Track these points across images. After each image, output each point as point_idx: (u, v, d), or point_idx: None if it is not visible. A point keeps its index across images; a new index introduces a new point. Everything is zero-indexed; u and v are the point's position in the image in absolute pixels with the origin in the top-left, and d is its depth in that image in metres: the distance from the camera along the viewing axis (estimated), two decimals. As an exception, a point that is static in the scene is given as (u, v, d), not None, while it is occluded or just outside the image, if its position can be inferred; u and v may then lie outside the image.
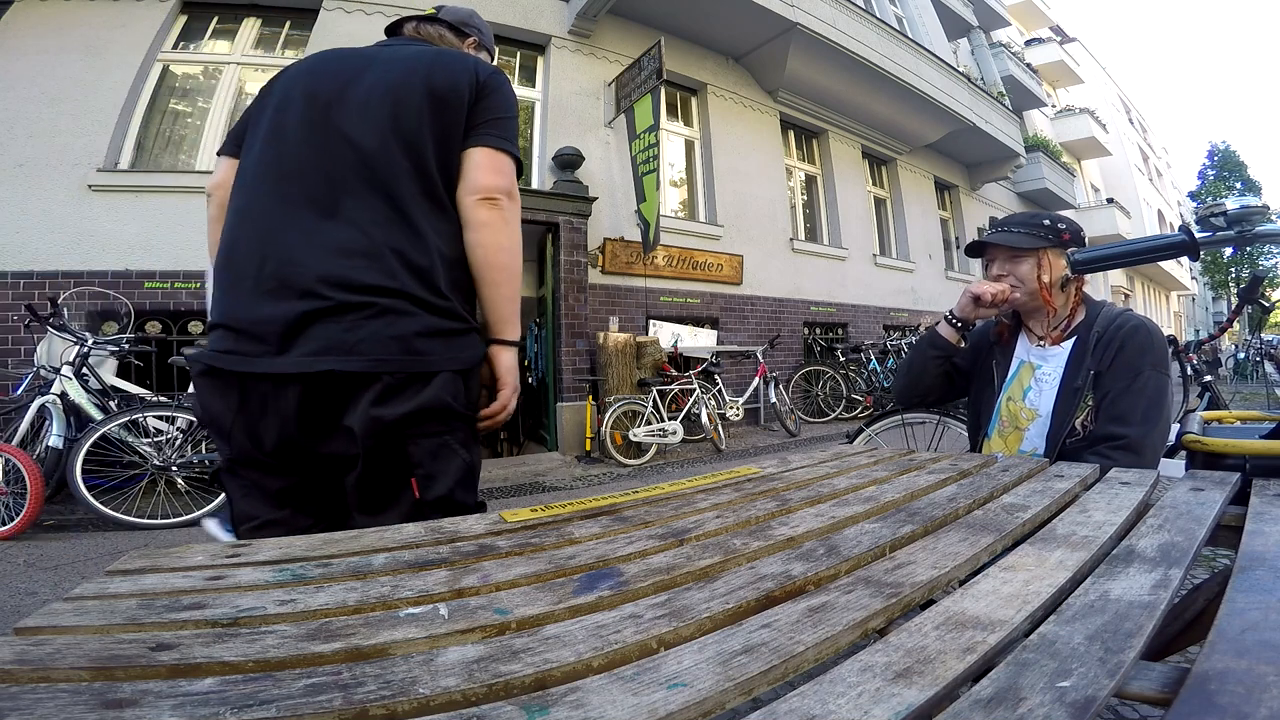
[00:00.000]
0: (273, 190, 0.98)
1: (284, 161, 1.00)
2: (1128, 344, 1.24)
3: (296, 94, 1.04)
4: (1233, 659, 0.38)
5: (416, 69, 1.04)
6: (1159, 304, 27.72)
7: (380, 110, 1.00)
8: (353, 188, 0.97)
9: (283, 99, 1.05)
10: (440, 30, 1.24)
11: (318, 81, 1.05)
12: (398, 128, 0.99)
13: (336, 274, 0.91)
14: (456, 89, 1.03)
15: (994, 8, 13.06)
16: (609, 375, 5.16)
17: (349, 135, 0.99)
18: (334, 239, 0.94)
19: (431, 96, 1.01)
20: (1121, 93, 25.26)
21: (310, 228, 0.94)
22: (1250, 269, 20.18)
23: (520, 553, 0.63)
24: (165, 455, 3.24)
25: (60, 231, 4.13)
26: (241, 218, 0.99)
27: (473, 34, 1.28)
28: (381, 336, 0.91)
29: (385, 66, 1.05)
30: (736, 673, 0.38)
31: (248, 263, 0.94)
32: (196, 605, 0.48)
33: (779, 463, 1.09)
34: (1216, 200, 1.03)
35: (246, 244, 0.96)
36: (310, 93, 1.03)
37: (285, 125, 1.02)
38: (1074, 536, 0.63)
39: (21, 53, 4.34)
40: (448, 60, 1.08)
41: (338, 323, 0.90)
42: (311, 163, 0.98)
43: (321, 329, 0.90)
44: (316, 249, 0.93)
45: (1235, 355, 11.60)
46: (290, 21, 5.17)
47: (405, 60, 1.06)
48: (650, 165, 5.43)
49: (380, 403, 0.90)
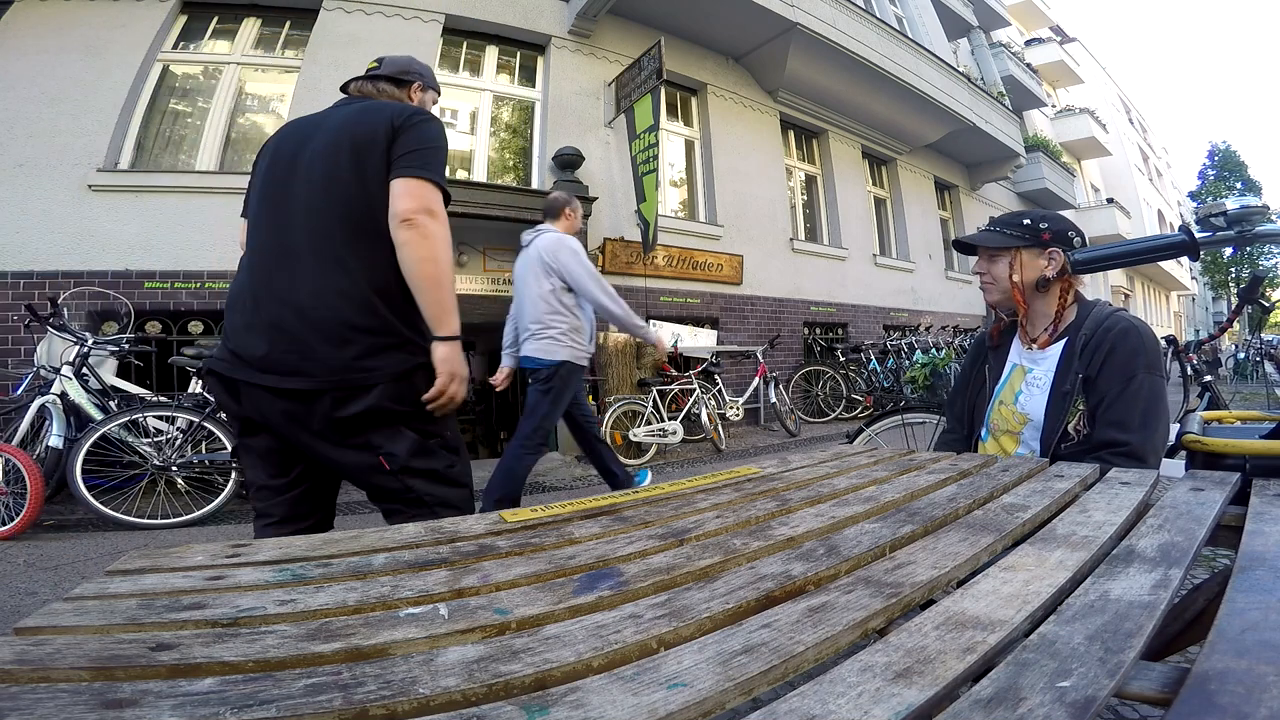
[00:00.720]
0: (258, 246, 1.26)
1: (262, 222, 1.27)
2: (1118, 347, 1.20)
3: (266, 163, 1.31)
4: (1233, 659, 0.38)
5: (344, 127, 1.25)
6: (1159, 304, 27.72)
7: (317, 171, 1.23)
8: (305, 241, 1.21)
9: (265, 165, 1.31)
10: (379, 85, 1.43)
11: (280, 149, 1.30)
12: (330, 184, 1.21)
13: (292, 317, 1.18)
14: (374, 136, 1.22)
15: (994, 8, 13.05)
16: (609, 375, 5.16)
17: (298, 196, 1.23)
18: (294, 286, 1.19)
19: (353, 148, 1.22)
20: (1121, 93, 25.26)
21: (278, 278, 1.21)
22: (1250, 269, 20.18)
23: (520, 553, 0.63)
24: (165, 455, 3.24)
25: (60, 231, 4.13)
26: (241, 268, 1.28)
27: (413, 79, 1.46)
28: (330, 362, 1.16)
29: (325, 131, 1.27)
30: (736, 673, 0.38)
31: (240, 304, 1.23)
32: (196, 605, 0.48)
33: (779, 463, 1.09)
34: (1216, 200, 1.03)
35: (240, 290, 1.25)
36: (275, 161, 1.29)
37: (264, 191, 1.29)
38: (1074, 536, 0.63)
39: (21, 53, 4.34)
40: (369, 113, 1.28)
41: (298, 352, 1.16)
42: (277, 222, 1.24)
43: (287, 358, 1.16)
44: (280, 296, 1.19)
45: (1235, 355, 11.59)
46: (290, 21, 5.17)
47: (338, 121, 1.27)
48: (650, 165, 5.43)
49: (334, 408, 1.16)
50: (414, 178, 1.20)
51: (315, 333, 1.17)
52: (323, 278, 1.19)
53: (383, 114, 1.26)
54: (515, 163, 6.04)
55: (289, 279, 1.20)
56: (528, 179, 5.86)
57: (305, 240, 1.21)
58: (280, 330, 1.17)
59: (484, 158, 5.72)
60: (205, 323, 4.39)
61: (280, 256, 1.22)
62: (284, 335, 1.17)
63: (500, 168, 5.95)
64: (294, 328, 1.17)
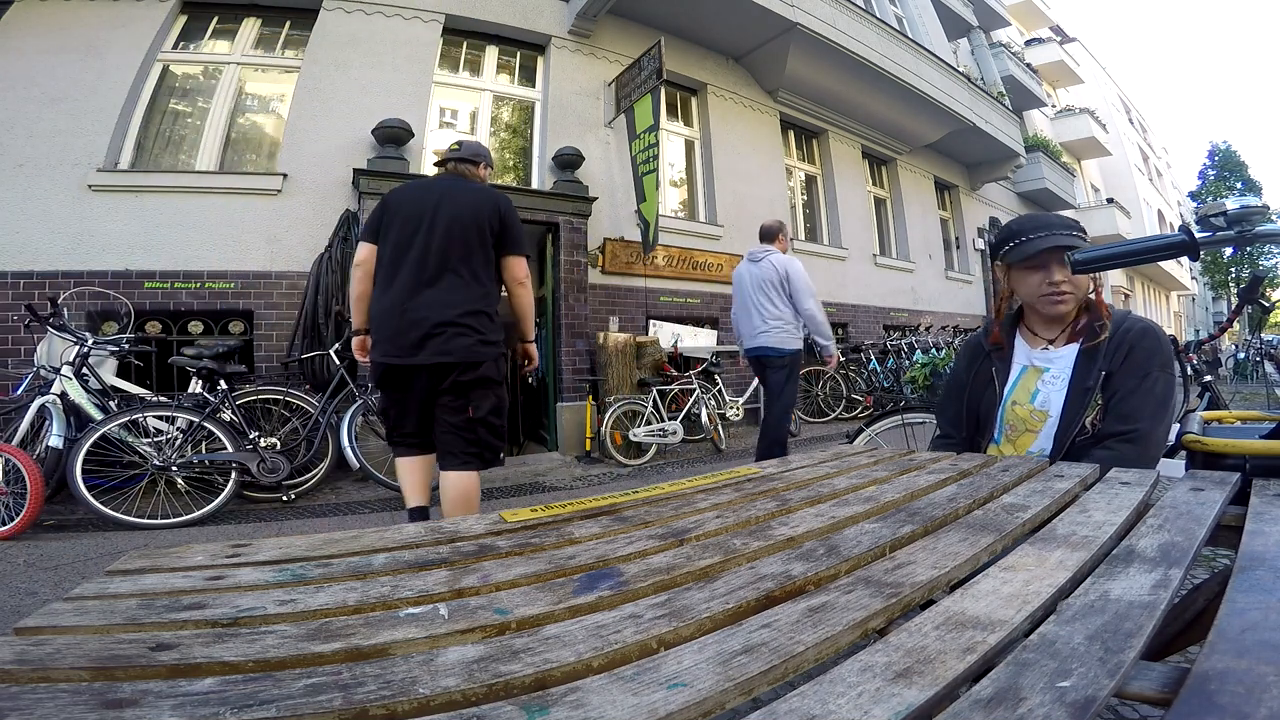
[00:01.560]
0: (401, 277, 2.06)
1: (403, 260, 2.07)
2: (1136, 347, 1.28)
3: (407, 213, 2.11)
4: (1233, 659, 0.38)
5: (467, 204, 2.12)
6: (1159, 304, 27.71)
7: (455, 233, 2.08)
8: (440, 272, 2.05)
9: (402, 216, 2.11)
10: (465, 167, 2.31)
11: (412, 210, 2.11)
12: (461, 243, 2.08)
13: (436, 316, 2.01)
14: (489, 217, 2.14)
15: (994, 8, 13.04)
16: (609, 375, 5.16)
17: (439, 243, 2.06)
18: (435, 299, 2.03)
19: (476, 222, 2.11)
20: (1121, 93, 25.25)
21: (426, 295, 2.03)
22: (1250, 269, 20.17)
23: (520, 553, 0.63)
24: (165, 455, 3.24)
25: (60, 231, 4.12)
26: (386, 287, 2.08)
27: (480, 161, 2.35)
28: (460, 346, 2.02)
29: (451, 201, 2.12)
30: (736, 673, 0.38)
31: (391, 314, 2.04)
32: (196, 605, 0.48)
33: (779, 463, 1.09)
34: (1216, 200, 1.03)
35: (392, 301, 2.05)
36: (409, 217, 2.10)
37: (405, 233, 2.09)
38: (1074, 536, 0.63)
39: (21, 53, 4.33)
40: (483, 199, 2.16)
41: (440, 340, 2.00)
42: (422, 260, 2.05)
43: (431, 343, 2.00)
44: (426, 307, 2.02)
45: (1235, 355, 11.59)
46: (290, 21, 5.16)
47: (461, 198, 2.13)
48: (650, 165, 5.42)
49: (460, 375, 2.03)
50: (519, 255, 2.20)
51: (451, 329, 2.01)
52: (456, 294, 2.04)
53: (489, 201, 2.16)
54: (515, 163, 6.04)
55: (432, 297, 2.02)
56: (528, 179, 5.86)
57: (443, 275, 2.05)
58: (428, 329, 1.99)
59: (484, 158, 5.72)
60: (205, 323, 4.39)
61: (424, 284, 2.04)
62: (431, 332, 1.99)
63: (500, 168, 5.95)
64: (437, 327, 2.00)
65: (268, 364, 4.36)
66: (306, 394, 3.94)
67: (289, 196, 4.60)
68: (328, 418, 3.79)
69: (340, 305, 4.32)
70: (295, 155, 4.68)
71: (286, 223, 4.57)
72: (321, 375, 4.09)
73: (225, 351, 3.63)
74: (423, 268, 2.02)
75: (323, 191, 4.68)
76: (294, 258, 4.51)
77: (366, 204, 4.55)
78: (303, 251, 4.52)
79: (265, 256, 4.48)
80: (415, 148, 5.00)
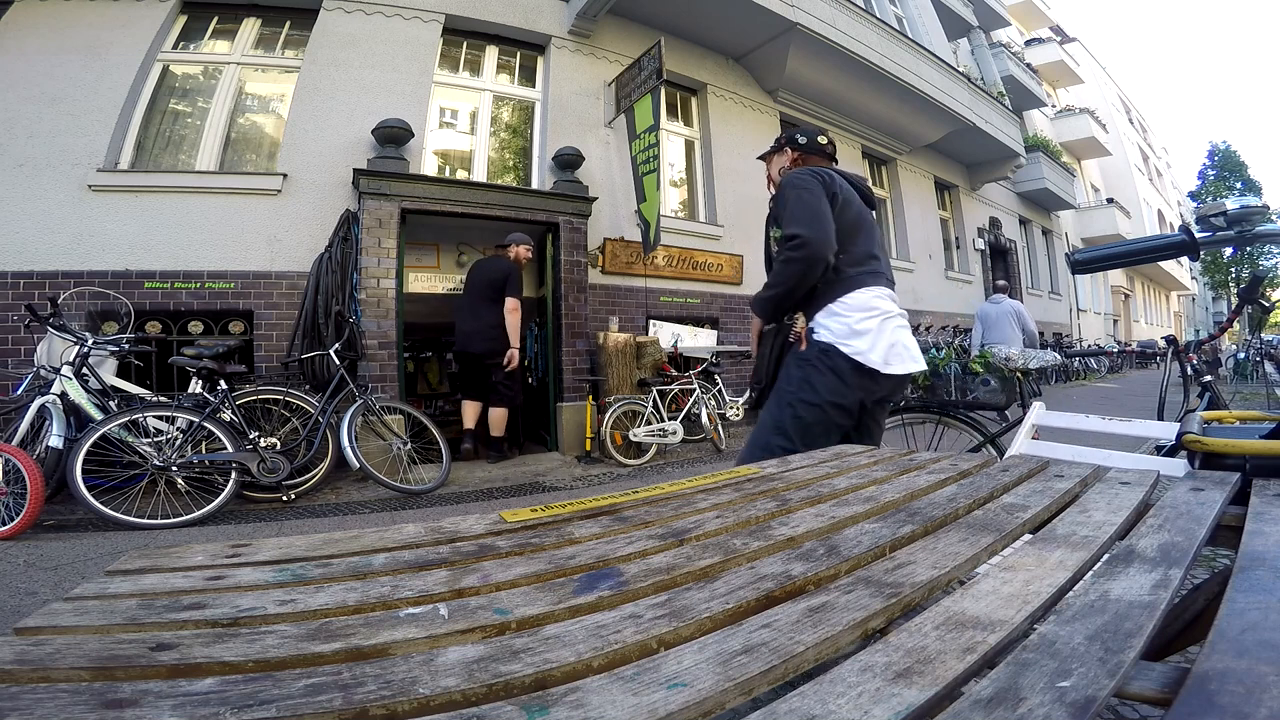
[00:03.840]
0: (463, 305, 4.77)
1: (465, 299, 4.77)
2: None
3: (468, 277, 4.83)
4: (1233, 659, 0.38)
5: (492, 271, 4.68)
6: (1159, 304, 27.73)
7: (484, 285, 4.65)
8: (478, 305, 4.65)
9: (467, 278, 4.83)
10: (505, 251, 4.80)
11: (472, 273, 4.79)
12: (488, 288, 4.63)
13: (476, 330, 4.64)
14: (501, 278, 4.61)
15: (994, 8, 13.04)
16: (609, 375, 5.16)
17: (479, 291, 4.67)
18: (477, 322, 4.64)
19: (493, 280, 4.63)
20: (1121, 93, 25.25)
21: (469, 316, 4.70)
22: (1250, 269, 20.17)
23: (520, 553, 0.63)
24: (165, 455, 3.24)
25: (60, 231, 4.12)
26: (459, 312, 4.80)
27: (510, 244, 4.81)
28: (484, 346, 4.62)
29: (483, 270, 4.73)
30: (736, 673, 0.38)
31: (460, 323, 4.75)
32: (196, 605, 0.48)
33: (779, 463, 1.09)
34: (1216, 200, 1.03)
35: (461, 321, 4.74)
36: (469, 277, 4.82)
37: (466, 289, 4.82)
38: (1074, 536, 0.63)
39: (21, 53, 4.33)
40: (502, 268, 4.66)
41: (479, 340, 4.62)
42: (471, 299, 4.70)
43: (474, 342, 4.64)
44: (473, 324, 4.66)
45: (1235, 355, 11.57)
46: (290, 21, 5.16)
47: (490, 269, 4.70)
48: (650, 165, 5.42)
49: (486, 359, 4.63)
50: (514, 297, 4.56)
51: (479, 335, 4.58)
52: (483, 318, 4.59)
53: (502, 270, 4.62)
54: (515, 163, 6.04)
55: (472, 318, 4.63)
56: (528, 179, 5.86)
57: (478, 307, 4.61)
58: (470, 334, 4.63)
59: (484, 158, 5.72)
60: (205, 323, 4.39)
61: (469, 310, 4.66)
62: (471, 336, 4.62)
63: (500, 168, 5.95)
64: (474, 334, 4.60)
65: (268, 364, 4.36)
66: (306, 394, 3.95)
67: (289, 196, 4.61)
68: (328, 418, 3.79)
69: (340, 305, 4.32)
70: (295, 155, 4.69)
71: (286, 223, 4.57)
72: (321, 375, 4.10)
73: (225, 351, 3.63)
74: (471, 300, 4.70)
75: (323, 191, 4.68)
76: (294, 258, 4.52)
77: (366, 204, 4.55)
78: (303, 251, 4.52)
79: (265, 256, 4.48)
80: (415, 148, 5.00)
